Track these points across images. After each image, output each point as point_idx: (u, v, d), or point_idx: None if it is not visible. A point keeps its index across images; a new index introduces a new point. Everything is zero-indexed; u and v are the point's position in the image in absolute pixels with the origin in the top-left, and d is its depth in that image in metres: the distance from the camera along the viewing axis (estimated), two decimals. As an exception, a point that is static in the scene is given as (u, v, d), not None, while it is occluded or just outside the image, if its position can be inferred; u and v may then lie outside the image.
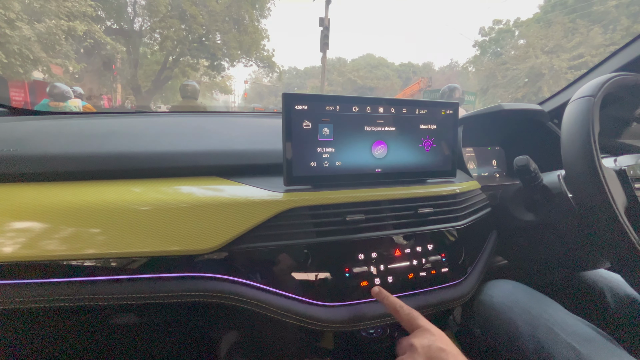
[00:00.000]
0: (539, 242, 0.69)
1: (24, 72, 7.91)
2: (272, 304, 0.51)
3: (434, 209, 0.61)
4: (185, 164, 0.58)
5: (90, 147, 0.55)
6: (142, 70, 15.74)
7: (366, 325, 0.56)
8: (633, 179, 0.51)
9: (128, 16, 13.46)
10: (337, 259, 0.55)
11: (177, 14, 12.92)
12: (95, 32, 9.73)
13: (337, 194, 0.56)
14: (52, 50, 8.46)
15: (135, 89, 14.86)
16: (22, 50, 7.52)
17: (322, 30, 11.31)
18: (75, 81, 10.10)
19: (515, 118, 0.91)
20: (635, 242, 0.42)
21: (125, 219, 0.48)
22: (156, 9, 12.34)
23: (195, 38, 13.80)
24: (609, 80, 0.53)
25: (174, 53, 14.04)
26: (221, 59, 15.18)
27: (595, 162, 0.45)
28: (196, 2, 12.85)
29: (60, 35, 8.47)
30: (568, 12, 18.12)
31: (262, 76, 36.64)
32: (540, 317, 0.55)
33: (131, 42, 13.58)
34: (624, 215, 0.44)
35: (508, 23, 23.38)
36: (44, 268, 0.46)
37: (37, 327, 0.67)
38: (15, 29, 7.31)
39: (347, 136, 0.57)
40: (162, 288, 0.49)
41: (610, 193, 0.44)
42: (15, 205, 0.47)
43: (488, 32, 24.26)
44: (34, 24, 7.97)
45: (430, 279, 0.60)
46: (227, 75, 19.56)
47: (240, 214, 0.51)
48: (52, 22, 8.30)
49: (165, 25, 12.77)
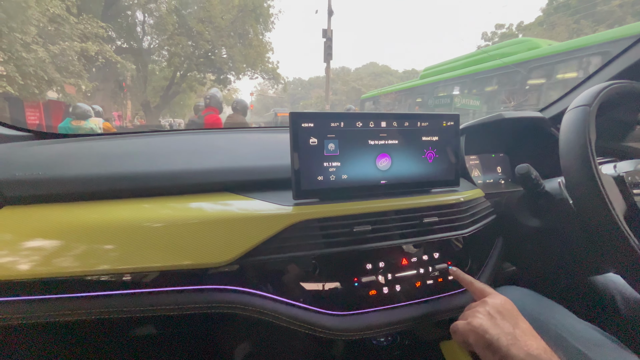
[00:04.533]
0: (545, 247, 0.70)
1: (39, 92, 8.22)
2: (284, 313, 0.53)
3: (439, 218, 0.63)
4: (199, 181, 0.61)
5: (110, 168, 0.59)
6: (150, 87, 16.20)
7: (376, 333, 0.57)
8: (631, 185, 0.52)
9: (137, 35, 13.94)
10: (345, 269, 0.57)
11: (184, 31, 13.34)
12: (107, 52, 10.09)
13: (344, 206, 0.58)
14: (66, 71, 8.78)
15: (145, 104, 15.28)
16: (37, 71, 7.83)
17: (325, 42, 11.50)
18: (87, 99, 10.44)
19: (517, 125, 0.92)
20: (636, 246, 0.43)
21: (143, 235, 0.51)
22: (164, 28, 12.77)
23: (201, 53, 14.19)
24: (604, 89, 0.55)
25: (182, 69, 14.44)
26: (227, 72, 15.54)
27: (592, 170, 0.47)
28: (202, 20, 13.25)
29: (73, 56, 8.81)
30: (571, 13, 18.07)
31: (268, 88, 37.18)
32: (549, 322, 0.56)
33: (140, 60, 14.03)
34: (623, 221, 0.45)
35: (511, 27, 23.40)
36: (66, 283, 0.49)
37: (53, 341, 0.70)
38: (30, 51, 7.64)
39: (352, 150, 0.60)
40: (179, 300, 0.52)
41: (609, 200, 0.45)
42: (43, 226, 0.51)
43: (491, 37, 24.30)
44: (48, 46, 8.32)
45: (438, 287, 0.62)
46: (234, 88, 19.97)
47: (252, 227, 0.54)
48: (65, 44, 8.66)
49: (172, 43, 13.18)
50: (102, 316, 0.50)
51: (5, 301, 0.48)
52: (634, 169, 0.54)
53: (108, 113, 11.81)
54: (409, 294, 0.60)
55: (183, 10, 13.03)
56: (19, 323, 0.49)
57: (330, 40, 11.45)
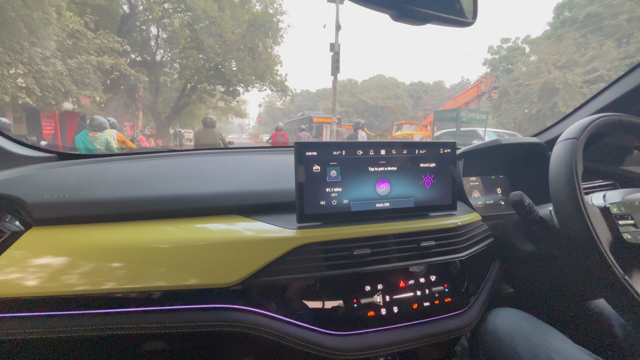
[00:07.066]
0: (541, 272, 0.72)
1: (55, 103, 8.52)
2: (286, 332, 0.56)
3: (436, 242, 0.66)
4: (209, 204, 0.66)
5: (129, 192, 0.64)
6: (162, 98, 16.62)
7: (376, 353, 0.59)
8: (617, 217, 0.54)
9: (151, 49, 14.41)
10: (345, 290, 0.60)
11: (196, 45, 13.74)
12: (121, 65, 10.44)
13: (344, 229, 0.62)
14: (82, 83, 9.11)
15: (156, 115, 15.66)
16: (55, 84, 8.14)
17: (333, 55, 11.72)
18: (101, 110, 10.78)
19: (514, 150, 0.95)
20: (620, 276, 0.45)
21: (156, 256, 0.56)
22: (176, 42, 13.18)
23: (212, 66, 14.57)
24: (592, 123, 0.58)
25: (192, 81, 14.83)
26: (236, 84, 15.88)
27: (579, 202, 0.49)
28: (213, 34, 13.65)
29: (89, 69, 9.15)
30: (578, 27, 18.11)
31: (276, 99, 37.77)
32: (541, 345, 0.58)
33: (153, 72, 14.47)
34: (608, 251, 0.47)
35: (517, 41, 23.55)
36: (85, 300, 0.53)
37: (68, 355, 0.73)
38: (49, 65, 7.97)
39: (353, 177, 0.64)
40: (186, 318, 0.55)
41: (594, 231, 0.48)
42: (67, 246, 0.55)
43: (497, 51, 24.45)
44: (66, 60, 8.67)
45: (434, 309, 0.64)
46: (242, 99, 20.33)
47: (258, 250, 0.57)
48: (82, 58, 9.01)
49: (184, 56, 13.59)
50: (115, 332, 0.54)
51: (29, 317, 0.52)
52: (620, 200, 0.57)
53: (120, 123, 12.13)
54: (407, 315, 0.62)
55: (195, 24, 13.45)
56: (39, 337, 0.53)
57: (337, 54, 11.67)
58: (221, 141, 5.14)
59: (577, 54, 17.22)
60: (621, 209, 0.55)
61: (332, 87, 12.81)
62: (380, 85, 41.42)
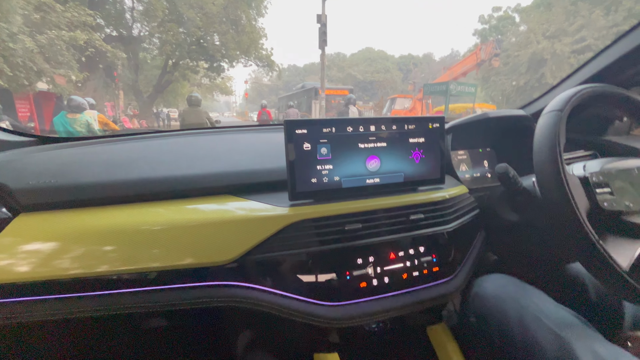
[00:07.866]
0: (523, 239, 0.75)
1: (28, 83, 8.06)
2: (283, 305, 0.59)
3: (425, 215, 0.68)
4: (200, 185, 0.65)
5: (117, 175, 0.63)
6: (142, 76, 15.88)
7: (368, 320, 0.63)
8: (595, 185, 0.57)
9: (127, 23, 13.56)
10: (338, 264, 0.62)
11: (175, 18, 12.99)
12: (96, 41, 9.84)
13: (336, 205, 0.63)
14: (55, 61, 8.60)
15: (137, 94, 15.04)
16: (25, 62, 7.65)
17: (320, 27, 11.29)
18: (78, 90, 10.25)
19: (502, 123, 0.97)
20: (595, 241, 0.48)
21: (150, 238, 0.56)
22: (154, 14, 12.41)
23: (193, 41, 13.88)
24: (576, 94, 0.59)
25: (174, 57, 14.14)
26: (220, 60, 15.25)
27: (559, 172, 0.51)
28: (193, 5, 12.90)
29: (62, 46, 8.60)
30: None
31: (262, 76, 36.69)
32: (528, 306, 0.62)
33: (131, 48, 13.70)
34: (585, 218, 0.50)
35: (508, 10, 23.10)
36: (82, 283, 0.54)
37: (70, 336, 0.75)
38: (17, 42, 7.45)
39: (343, 154, 0.64)
40: (184, 296, 0.57)
41: (573, 199, 0.50)
42: (57, 231, 0.55)
43: (488, 20, 23.99)
44: (35, 36, 8.11)
45: (423, 278, 0.67)
46: (227, 76, 19.61)
47: (252, 228, 0.58)
48: (53, 33, 8.43)
49: (163, 30, 12.86)
50: (115, 312, 0.55)
51: (25, 301, 0.53)
52: (599, 170, 0.59)
53: (101, 104, 11.62)
54: (397, 284, 0.65)
55: (173, -5, 12.67)
56: (38, 320, 0.54)
57: (324, 26, 11.25)
58: (208, 120, 5.02)
59: (566, 22, 17.07)
60: (599, 178, 0.58)
61: (320, 61, 12.45)
62: (369, 59, 40.51)
